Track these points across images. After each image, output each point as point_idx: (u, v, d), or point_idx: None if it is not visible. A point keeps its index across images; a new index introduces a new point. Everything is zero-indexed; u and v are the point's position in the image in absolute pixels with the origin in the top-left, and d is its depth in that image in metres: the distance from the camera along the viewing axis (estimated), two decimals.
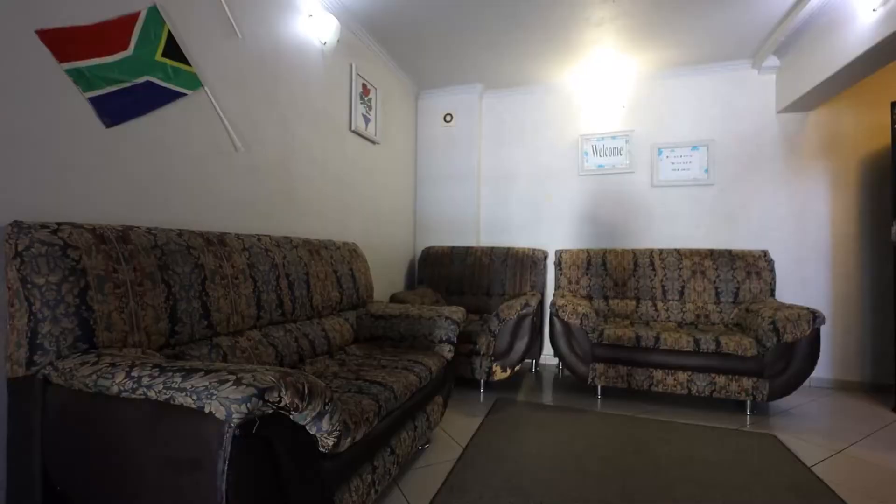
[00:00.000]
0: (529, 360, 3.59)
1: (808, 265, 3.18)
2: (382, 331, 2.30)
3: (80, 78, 1.33)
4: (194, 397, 0.89)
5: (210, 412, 0.88)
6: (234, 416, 0.87)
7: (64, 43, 1.29)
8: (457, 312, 2.27)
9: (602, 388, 2.87)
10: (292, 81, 2.33)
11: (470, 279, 3.57)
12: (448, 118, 3.95)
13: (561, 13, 2.73)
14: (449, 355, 2.14)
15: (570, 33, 2.97)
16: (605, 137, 3.65)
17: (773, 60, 3.17)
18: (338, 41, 2.58)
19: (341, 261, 2.37)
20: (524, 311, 2.81)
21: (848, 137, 3.09)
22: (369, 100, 3.11)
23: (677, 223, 3.48)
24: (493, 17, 2.79)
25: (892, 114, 2.66)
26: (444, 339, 2.16)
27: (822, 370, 3.08)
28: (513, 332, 2.80)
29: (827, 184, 3.14)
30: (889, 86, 2.92)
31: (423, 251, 3.79)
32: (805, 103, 3.05)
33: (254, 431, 0.91)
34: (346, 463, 1.28)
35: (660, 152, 3.51)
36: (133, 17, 1.48)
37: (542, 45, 3.14)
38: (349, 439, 1.21)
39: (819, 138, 3.16)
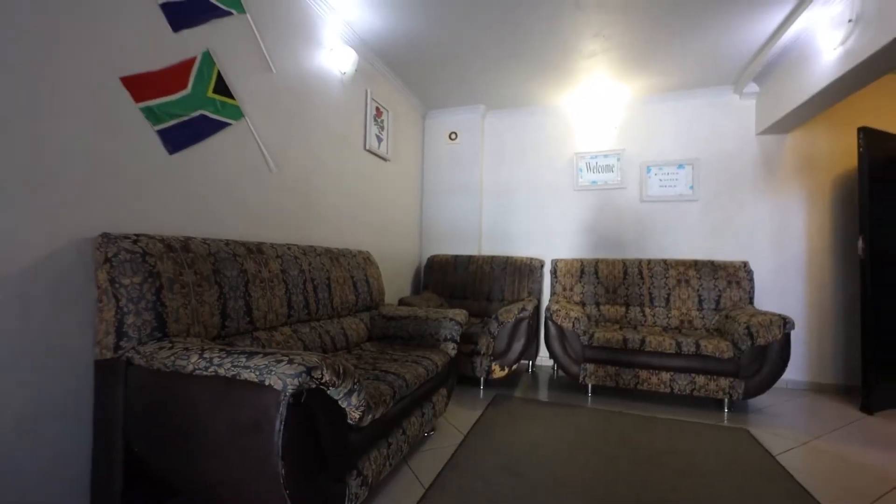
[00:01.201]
0: (526, 361, 3.84)
1: (786, 276, 3.42)
2: (393, 330, 2.56)
3: (150, 114, 1.61)
4: (257, 373, 1.15)
5: (269, 385, 1.14)
6: (288, 387, 1.13)
7: (140, 86, 1.57)
8: (460, 314, 2.53)
9: (592, 386, 3.11)
10: (316, 108, 2.61)
11: (472, 285, 3.83)
12: (453, 136, 4.23)
13: (556, 46, 3.02)
14: (453, 352, 2.40)
15: (565, 63, 3.25)
16: (598, 155, 3.93)
17: (752, 87, 3.45)
18: (355, 70, 2.87)
19: (357, 267, 2.64)
20: (521, 314, 3.06)
21: (821, 158, 3.35)
22: (382, 121, 3.40)
23: (664, 235, 3.73)
24: (495, 48, 3.08)
25: (859, 138, 2.92)
26: (448, 337, 2.42)
27: (798, 373, 3.32)
28: (511, 334, 3.05)
29: (803, 201, 3.40)
30: (857, 112, 3.19)
31: (428, 259, 4.06)
32: (782, 126, 3.31)
33: (302, 401, 1.18)
34: (368, 437, 1.54)
35: (648, 170, 3.78)
36: (191, 61, 1.77)
37: (539, 73, 3.43)
38: (370, 416, 1.47)
39: (795, 159, 3.42)
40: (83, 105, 1.40)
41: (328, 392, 1.27)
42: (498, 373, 3.04)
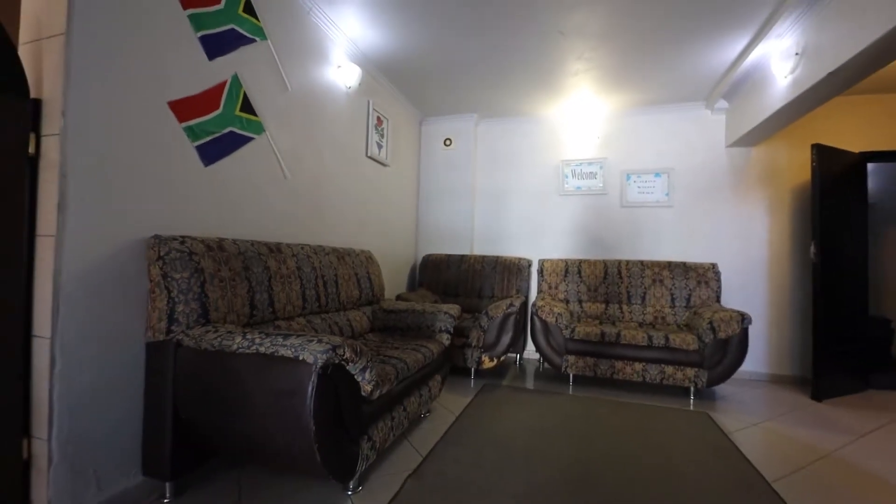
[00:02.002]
0: (514, 354, 4.13)
1: (750, 276, 3.76)
2: (393, 322, 2.84)
3: (190, 132, 1.87)
4: (292, 350, 1.43)
5: (303, 359, 1.42)
6: (318, 361, 1.40)
7: (182, 109, 1.82)
8: (453, 308, 2.81)
9: (573, 376, 3.42)
10: (324, 120, 2.88)
11: (464, 283, 4.12)
12: (448, 142, 4.51)
13: (543, 65, 3.31)
14: (447, 342, 2.68)
15: (552, 79, 3.55)
16: (582, 163, 4.24)
17: (722, 103, 3.77)
18: (359, 84, 3.14)
19: (360, 265, 2.91)
20: (509, 310, 3.35)
21: (782, 171, 3.69)
22: (382, 129, 3.67)
23: (642, 238, 4.05)
24: (487, 64, 3.36)
25: (812, 154, 3.25)
26: (443, 329, 2.70)
27: (759, 365, 3.66)
28: (499, 328, 3.34)
29: (765, 208, 3.74)
30: (811, 130, 3.53)
31: (423, 258, 4.33)
32: (748, 140, 3.64)
33: (329, 372, 1.45)
34: (377, 409, 1.81)
35: (628, 177, 4.10)
36: (222, 84, 2.02)
37: (528, 87, 3.72)
38: (379, 391, 1.74)
39: (760, 170, 3.76)
40: (139, 127, 1.66)
41: (347, 367, 1.55)
42: (487, 363, 3.33)
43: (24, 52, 1.48)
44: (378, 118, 3.60)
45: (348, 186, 3.22)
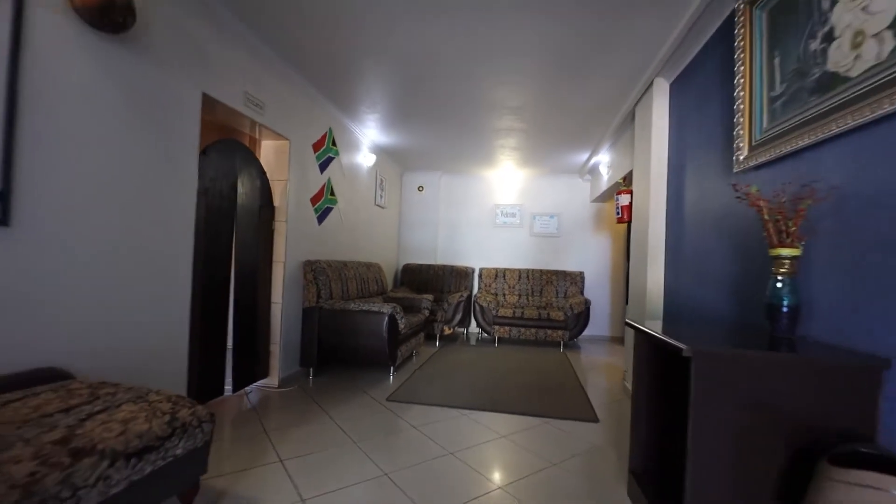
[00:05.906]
0: (462, 329, 6.43)
1: (602, 279, 6.30)
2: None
3: (315, 210, 3.97)
4: (378, 308, 3.62)
5: (382, 312, 3.60)
6: (389, 312, 3.60)
7: (313, 200, 3.93)
8: (430, 297, 5.06)
9: (497, 338, 5.76)
10: (356, 188, 5.01)
11: (431, 282, 6.35)
12: (420, 188, 6.73)
13: (483, 151, 5.64)
14: (427, 315, 4.92)
15: (489, 158, 5.89)
16: (507, 206, 6.62)
17: (588, 176, 6.29)
18: (373, 164, 5.29)
19: (376, 272, 5.07)
20: (460, 299, 5.64)
21: None
22: (383, 185, 5.83)
23: (542, 255, 6.50)
24: (449, 148, 5.62)
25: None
26: (425, 307, 4.94)
27: (605, 331, 6.21)
28: (454, 309, 5.62)
29: (611, 239, 6.30)
30: None
31: (404, 265, 6.52)
32: (600, 199, 6.17)
33: (390, 317, 3.66)
34: (402, 339, 4.01)
35: (535, 217, 6.53)
36: (325, 185, 4.13)
37: (474, 160, 6.04)
38: (405, 330, 3.95)
39: (608, 217, 6.31)
40: (300, 211, 3.75)
41: (396, 317, 3.76)
42: (447, 331, 5.59)
43: None
44: (381, 179, 5.76)
45: (365, 223, 5.36)
